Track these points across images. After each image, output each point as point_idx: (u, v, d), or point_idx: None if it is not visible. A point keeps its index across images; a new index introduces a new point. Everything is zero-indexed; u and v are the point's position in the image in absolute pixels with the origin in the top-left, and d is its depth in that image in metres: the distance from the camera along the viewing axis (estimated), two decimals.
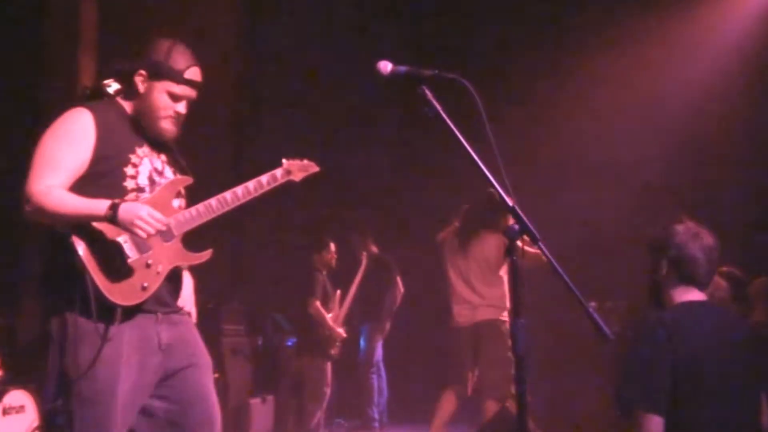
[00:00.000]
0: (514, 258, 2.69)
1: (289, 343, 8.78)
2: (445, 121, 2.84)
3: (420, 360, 9.84)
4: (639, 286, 3.73)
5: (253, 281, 9.83)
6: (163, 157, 3.61)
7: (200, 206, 3.50)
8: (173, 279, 3.52)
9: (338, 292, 8.38)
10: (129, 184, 3.43)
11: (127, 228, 3.24)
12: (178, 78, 3.49)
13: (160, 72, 3.48)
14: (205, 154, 8.54)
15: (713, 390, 3.27)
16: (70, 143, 3.41)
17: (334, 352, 8.14)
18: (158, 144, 3.58)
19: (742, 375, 3.38)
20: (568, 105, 9.36)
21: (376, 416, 9.12)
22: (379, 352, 9.09)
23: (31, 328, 7.04)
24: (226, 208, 3.53)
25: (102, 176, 3.40)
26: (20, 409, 5.85)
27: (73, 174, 3.38)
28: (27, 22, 7.52)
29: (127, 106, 3.60)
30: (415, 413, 8.35)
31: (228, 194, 3.55)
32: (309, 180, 4.03)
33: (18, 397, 5.86)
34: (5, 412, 5.75)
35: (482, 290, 6.75)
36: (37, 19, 7.58)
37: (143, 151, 3.52)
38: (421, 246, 8.09)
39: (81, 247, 3.26)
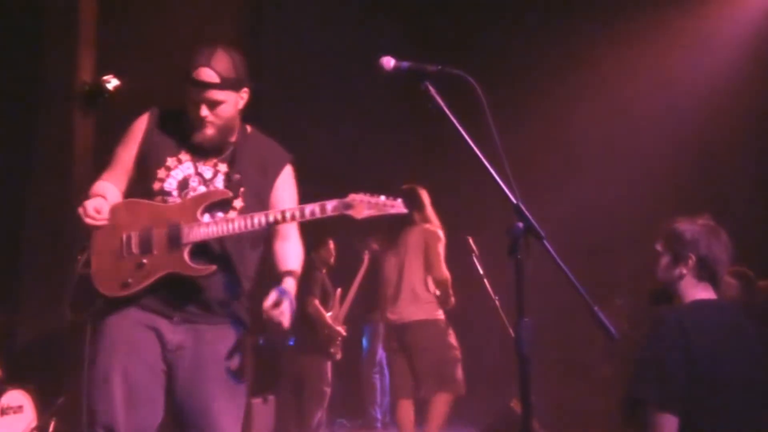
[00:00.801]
0: (519, 257, 2.69)
1: (291, 343, 8.78)
2: (448, 117, 2.84)
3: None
4: (645, 284, 3.71)
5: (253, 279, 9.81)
6: (222, 167, 3.60)
7: (222, 222, 3.45)
8: (202, 290, 3.51)
9: (339, 290, 8.39)
10: (156, 186, 3.53)
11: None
12: (188, 81, 3.50)
13: (183, 76, 3.52)
14: None
15: (728, 389, 3.26)
16: (124, 143, 3.66)
17: (334, 351, 8.16)
18: (219, 153, 3.60)
19: (757, 373, 3.37)
20: (574, 101, 9.35)
21: (379, 416, 9.13)
22: (381, 351, 9.09)
23: (29, 327, 7.05)
24: (251, 229, 3.44)
25: (142, 176, 3.58)
26: (18, 409, 5.87)
27: (124, 170, 3.63)
28: (26, 17, 7.52)
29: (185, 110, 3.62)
30: (418, 413, 8.34)
31: (258, 217, 3.43)
32: (309, 178, 4.01)
33: (16, 397, 5.88)
34: (3, 412, 5.76)
35: (415, 288, 6.62)
36: (36, 14, 7.58)
37: (186, 156, 3.57)
38: None
39: (96, 233, 3.49)
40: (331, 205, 3.38)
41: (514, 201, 2.74)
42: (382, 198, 3.41)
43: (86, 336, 3.65)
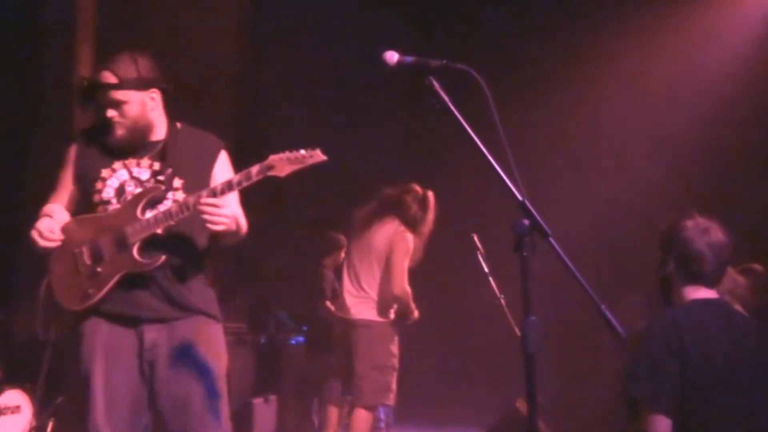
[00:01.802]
0: (525, 254, 2.69)
1: (293, 342, 8.79)
2: (453, 113, 2.84)
3: (427, 360, 9.84)
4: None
5: (256, 278, 9.84)
6: (156, 165, 3.78)
7: (159, 213, 3.62)
8: (162, 285, 3.70)
9: None
10: (96, 198, 3.74)
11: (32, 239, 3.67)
12: (94, 87, 3.91)
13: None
14: None
15: (722, 390, 3.26)
16: (63, 166, 3.98)
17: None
18: (151, 152, 3.82)
19: (752, 375, 3.36)
20: (580, 96, 9.35)
21: (383, 416, 9.13)
22: None
23: (27, 326, 7.06)
24: (189, 212, 3.58)
25: (83, 193, 3.80)
26: (16, 409, 5.87)
27: (66, 192, 3.88)
28: (24, 11, 7.53)
29: None
30: (421, 414, 8.36)
31: (192, 198, 3.58)
32: (310, 175, 4.03)
33: (14, 397, 5.88)
34: (1, 412, 5.77)
35: (366, 285, 6.21)
36: (34, 9, 7.59)
37: (119, 164, 3.78)
38: (429, 242, 8.08)
39: (51, 255, 3.69)
40: (254, 170, 3.56)
41: (520, 198, 2.75)
42: (302, 151, 3.56)
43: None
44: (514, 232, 2.71)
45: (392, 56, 2.99)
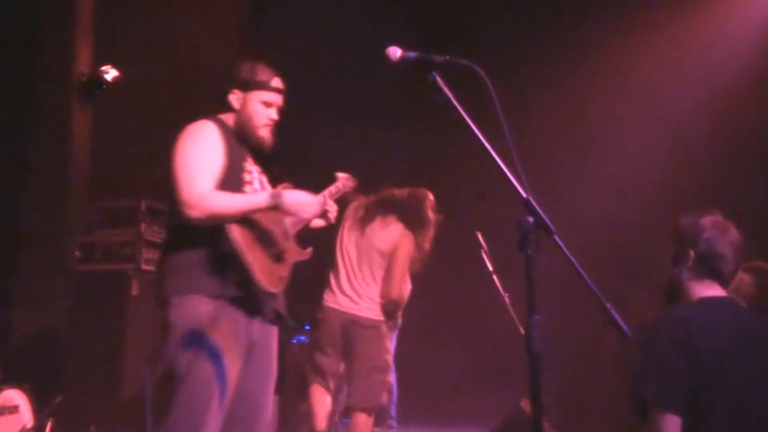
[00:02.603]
0: (529, 252, 2.69)
1: (294, 341, 8.79)
2: (457, 109, 2.84)
3: (430, 359, 9.85)
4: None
5: None
6: (257, 167, 4.13)
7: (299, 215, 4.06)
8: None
9: None
10: (248, 189, 3.97)
11: (292, 211, 3.92)
12: (266, 87, 4.09)
13: (250, 85, 4.08)
14: None
15: (735, 388, 3.26)
16: (207, 151, 3.91)
17: None
18: (255, 155, 4.13)
19: (763, 373, 3.36)
20: (586, 92, 9.35)
21: (394, 414, 9.13)
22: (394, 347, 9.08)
23: (26, 325, 7.07)
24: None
25: (227, 183, 3.88)
26: (14, 409, 5.87)
27: (215, 178, 3.86)
28: (22, 6, 7.54)
29: (229, 121, 4.09)
30: (424, 414, 8.36)
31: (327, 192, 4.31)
32: (313, 172, 4.21)
33: (12, 396, 5.88)
34: None
35: (366, 283, 6.07)
36: (32, 3, 7.60)
37: (249, 161, 4.06)
38: (438, 241, 8.08)
39: (238, 238, 3.79)
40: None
41: (524, 195, 2.75)
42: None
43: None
44: (519, 230, 2.72)
45: (395, 52, 3.00)
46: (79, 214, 7.56)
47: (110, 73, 7.51)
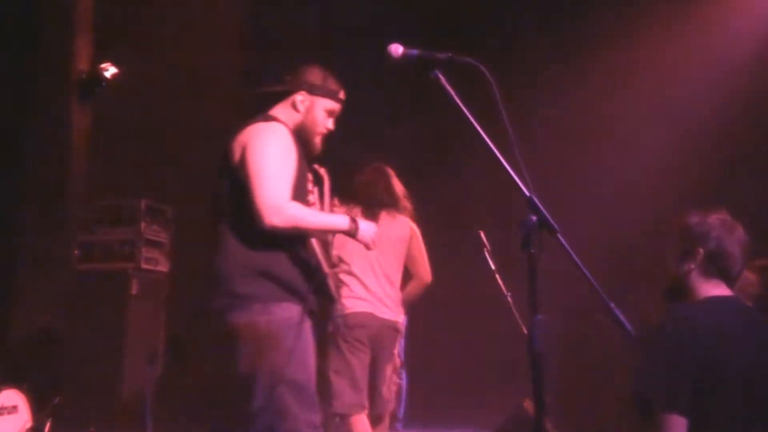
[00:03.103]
0: (532, 251, 2.69)
1: None
2: (459, 107, 2.84)
3: (432, 359, 9.85)
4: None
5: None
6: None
7: None
8: None
9: None
10: (311, 198, 4.05)
11: (362, 241, 4.01)
12: (335, 97, 4.23)
13: (319, 91, 4.17)
14: (208, 145, 8.57)
15: (738, 389, 3.26)
16: (287, 157, 3.89)
17: None
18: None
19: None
20: (590, 89, 9.33)
21: (401, 416, 9.11)
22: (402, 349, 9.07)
23: (25, 325, 7.07)
24: None
25: (296, 191, 3.87)
26: (12, 409, 5.88)
27: (292, 186, 3.85)
28: (22, 2, 7.54)
29: (288, 124, 4.07)
30: (427, 414, 8.36)
31: None
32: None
33: (11, 396, 5.89)
34: None
35: (391, 282, 5.93)
36: (30, 1, 7.60)
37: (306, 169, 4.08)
38: (435, 239, 8.08)
39: (317, 248, 3.95)
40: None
41: (527, 193, 2.75)
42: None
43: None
44: (522, 229, 2.72)
45: (397, 49, 2.99)
46: (78, 213, 7.57)
47: (110, 71, 7.51)
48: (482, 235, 6.56)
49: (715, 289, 3.43)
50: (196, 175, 7.55)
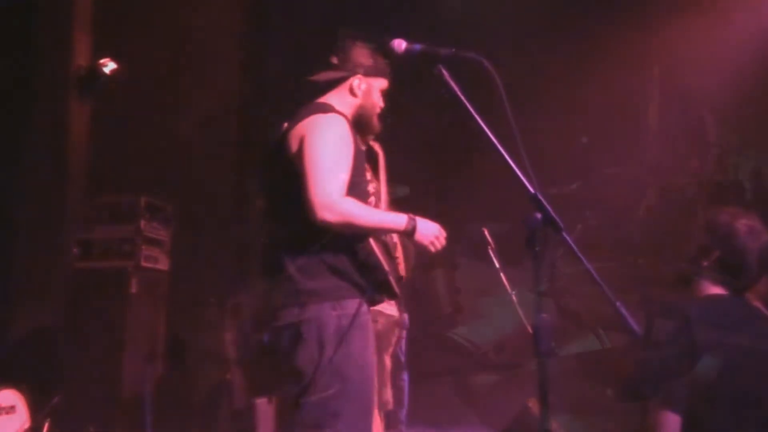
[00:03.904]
0: (537, 249, 2.69)
1: None
2: (463, 103, 2.84)
3: (436, 358, 9.86)
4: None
5: (259, 275, 9.82)
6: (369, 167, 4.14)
7: None
8: None
9: None
10: (370, 189, 3.97)
11: (420, 243, 3.86)
12: (387, 74, 4.13)
13: (374, 72, 4.08)
14: (208, 142, 8.57)
15: (733, 387, 3.25)
16: (344, 151, 3.80)
17: None
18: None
19: (764, 373, 3.34)
20: (593, 86, 9.33)
21: (404, 419, 9.10)
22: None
23: (23, 324, 7.07)
24: None
25: (352, 187, 3.79)
26: (10, 409, 5.88)
27: (348, 181, 3.78)
28: None
29: (346, 112, 3.98)
30: (430, 414, 8.36)
31: None
32: None
33: (8, 396, 5.89)
34: None
35: None
36: None
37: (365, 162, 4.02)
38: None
39: (375, 247, 3.83)
40: None
41: (532, 191, 2.75)
42: None
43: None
44: (527, 226, 2.72)
45: (400, 44, 3.00)
46: (77, 210, 7.56)
47: (109, 66, 7.50)
48: (486, 232, 6.56)
49: (719, 289, 3.43)
50: (197, 172, 7.55)
